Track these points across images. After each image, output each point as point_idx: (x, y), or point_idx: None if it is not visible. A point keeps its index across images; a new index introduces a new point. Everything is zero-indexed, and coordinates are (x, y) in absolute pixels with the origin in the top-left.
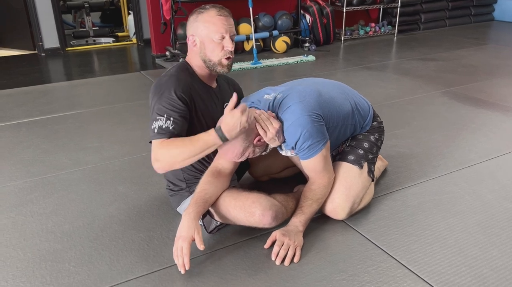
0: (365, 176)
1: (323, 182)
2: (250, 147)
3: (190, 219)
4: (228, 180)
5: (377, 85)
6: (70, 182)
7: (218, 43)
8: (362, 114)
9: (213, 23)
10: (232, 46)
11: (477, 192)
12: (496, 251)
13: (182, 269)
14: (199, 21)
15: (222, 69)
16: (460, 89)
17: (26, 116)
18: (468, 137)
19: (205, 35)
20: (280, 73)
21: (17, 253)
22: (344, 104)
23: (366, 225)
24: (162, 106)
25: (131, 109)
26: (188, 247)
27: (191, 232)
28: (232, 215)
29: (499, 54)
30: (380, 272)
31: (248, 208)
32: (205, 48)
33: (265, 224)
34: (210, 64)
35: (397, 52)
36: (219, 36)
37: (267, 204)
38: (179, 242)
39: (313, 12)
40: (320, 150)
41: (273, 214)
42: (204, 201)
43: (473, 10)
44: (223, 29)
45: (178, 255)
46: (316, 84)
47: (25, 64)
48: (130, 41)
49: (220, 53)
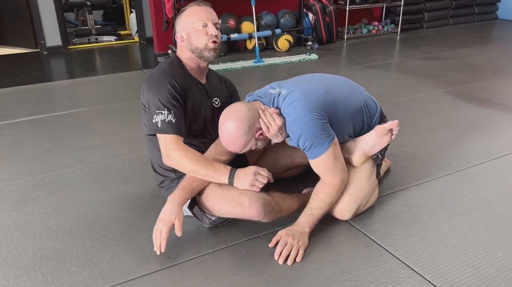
0: (374, 178)
1: (336, 182)
2: (252, 141)
3: (174, 204)
4: None
5: (380, 84)
6: (72, 181)
7: (202, 30)
8: (370, 111)
9: (195, 14)
10: (215, 31)
11: (481, 192)
12: (502, 251)
13: (158, 250)
14: (182, 17)
15: (209, 54)
16: (464, 88)
17: (28, 115)
18: (472, 136)
19: (189, 27)
20: (282, 72)
21: (18, 252)
22: (352, 100)
23: (370, 225)
24: (161, 100)
25: (133, 107)
26: (167, 231)
27: (172, 217)
28: (219, 205)
29: (503, 53)
30: (384, 273)
31: (236, 199)
32: (191, 39)
33: (252, 216)
34: (197, 52)
35: (400, 51)
36: (202, 23)
37: (254, 195)
38: (160, 224)
39: (316, 11)
40: (327, 148)
41: (260, 206)
42: (191, 189)
43: (476, 8)
44: (205, 17)
45: (156, 236)
46: (324, 80)
47: (27, 62)
48: (132, 39)
49: (205, 38)
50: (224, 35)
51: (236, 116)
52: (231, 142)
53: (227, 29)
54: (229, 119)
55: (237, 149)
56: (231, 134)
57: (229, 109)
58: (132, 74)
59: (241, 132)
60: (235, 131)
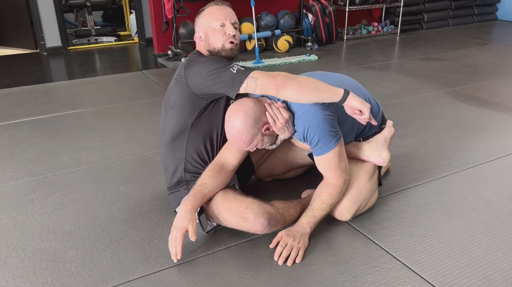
0: (375, 180)
1: (338, 183)
2: (259, 135)
3: (186, 210)
4: (230, 176)
5: (379, 85)
6: (71, 182)
7: (220, 30)
8: (372, 111)
9: (213, 13)
10: (233, 31)
11: (481, 193)
12: (501, 252)
13: (175, 258)
14: (201, 17)
15: (226, 53)
16: (463, 89)
17: (28, 115)
18: (472, 137)
19: (208, 26)
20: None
21: (17, 253)
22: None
23: (369, 226)
24: (219, 63)
25: (133, 108)
26: (181, 237)
27: (185, 223)
28: (223, 217)
29: (503, 54)
30: (383, 274)
31: (241, 213)
32: (209, 39)
33: (256, 230)
34: (215, 52)
35: (400, 52)
36: (220, 23)
37: (259, 211)
38: (174, 232)
39: (316, 12)
40: (334, 146)
41: (265, 221)
42: (202, 195)
43: (476, 9)
44: (223, 16)
45: (172, 244)
46: (330, 78)
47: (27, 63)
48: (132, 40)
49: (222, 38)
50: None
51: (241, 109)
52: (237, 136)
53: None
54: (235, 112)
55: (244, 144)
56: (237, 128)
57: (235, 104)
58: (132, 75)
59: (247, 125)
60: (241, 124)
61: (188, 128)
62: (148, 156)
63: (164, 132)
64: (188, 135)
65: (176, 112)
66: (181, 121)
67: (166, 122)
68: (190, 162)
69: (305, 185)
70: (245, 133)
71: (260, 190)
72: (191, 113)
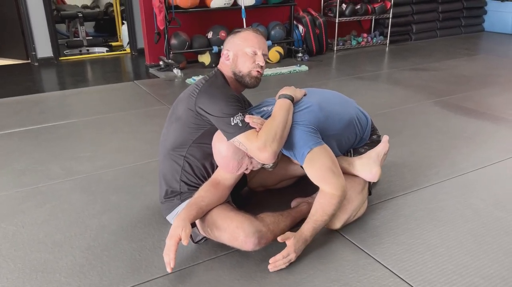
0: (365, 191)
1: (337, 193)
2: (245, 159)
3: (179, 219)
4: (227, 193)
5: (369, 95)
6: (62, 192)
7: (250, 57)
8: (361, 124)
9: (249, 39)
10: (263, 61)
11: (468, 201)
12: (487, 259)
13: (168, 267)
14: (236, 37)
15: (250, 80)
16: (451, 99)
17: (19, 126)
18: (459, 146)
19: (240, 49)
20: (273, 83)
21: (7, 264)
22: (344, 114)
23: (358, 234)
24: (231, 107)
25: (124, 118)
26: (174, 245)
27: (178, 230)
28: (215, 234)
29: (490, 64)
30: (372, 281)
31: (231, 232)
32: (237, 61)
33: (247, 249)
34: (239, 76)
35: (389, 62)
36: (252, 50)
37: (250, 230)
38: (167, 241)
39: (306, 23)
40: (316, 145)
41: (256, 241)
42: (198, 208)
43: (463, 21)
44: (257, 45)
45: (165, 253)
46: (316, 95)
47: (18, 73)
48: (123, 50)
49: (251, 65)
50: (215, 46)
51: (223, 137)
52: (225, 163)
53: (218, 41)
54: (218, 141)
55: (232, 169)
56: (222, 155)
57: (218, 132)
58: (123, 85)
59: (231, 151)
60: (225, 151)
61: (189, 143)
62: (139, 166)
63: (165, 139)
64: (188, 149)
65: (180, 125)
66: (183, 135)
67: (169, 131)
68: (187, 175)
69: (296, 194)
70: (231, 159)
71: (252, 200)
72: (194, 130)
